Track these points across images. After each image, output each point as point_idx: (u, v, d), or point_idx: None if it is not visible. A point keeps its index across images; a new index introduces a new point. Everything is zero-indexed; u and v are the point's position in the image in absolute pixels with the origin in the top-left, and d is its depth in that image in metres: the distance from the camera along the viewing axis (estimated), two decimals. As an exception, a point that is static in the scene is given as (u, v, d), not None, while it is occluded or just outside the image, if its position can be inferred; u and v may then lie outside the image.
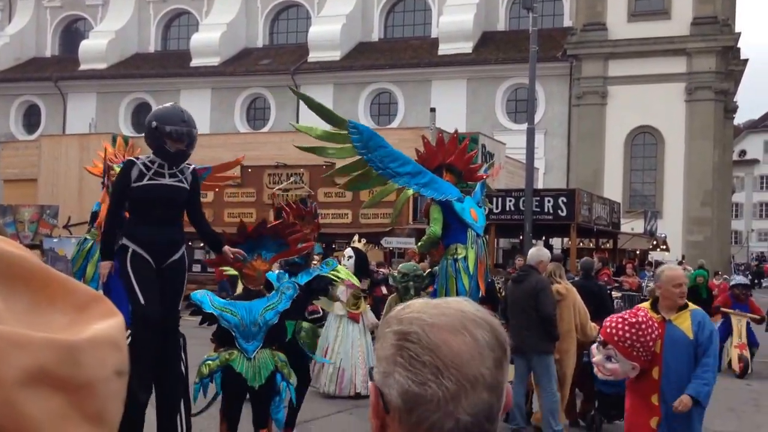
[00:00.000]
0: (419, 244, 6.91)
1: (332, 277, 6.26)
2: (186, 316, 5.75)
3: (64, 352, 0.73)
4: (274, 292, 5.83)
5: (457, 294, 6.71)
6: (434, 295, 6.92)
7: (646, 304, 5.08)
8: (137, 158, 5.64)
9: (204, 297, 5.65)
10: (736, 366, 12.01)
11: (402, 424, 1.09)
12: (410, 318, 1.10)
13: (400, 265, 9.23)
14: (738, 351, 12.08)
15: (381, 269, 15.06)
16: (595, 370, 4.97)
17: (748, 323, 12.49)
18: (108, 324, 0.80)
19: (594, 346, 4.91)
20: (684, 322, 4.90)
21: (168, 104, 5.84)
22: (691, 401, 4.86)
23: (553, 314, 7.64)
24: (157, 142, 5.47)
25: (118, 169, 8.19)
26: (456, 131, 8.09)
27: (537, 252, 8.28)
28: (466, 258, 6.68)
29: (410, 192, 6.52)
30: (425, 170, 6.51)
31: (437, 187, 6.50)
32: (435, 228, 6.59)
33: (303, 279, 6.00)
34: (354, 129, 6.14)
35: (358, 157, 6.21)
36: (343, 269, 7.02)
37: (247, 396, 5.81)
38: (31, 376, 0.70)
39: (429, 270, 8.39)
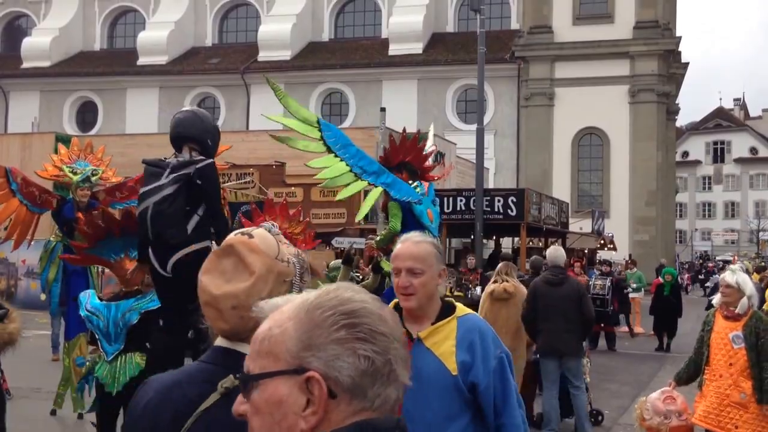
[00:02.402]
0: (377, 239, 6.93)
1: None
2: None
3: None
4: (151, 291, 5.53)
5: None
6: (389, 293, 6.99)
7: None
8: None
9: (84, 297, 5.46)
10: None
11: (350, 406, 1.07)
12: (342, 299, 1.11)
13: (331, 263, 9.32)
14: None
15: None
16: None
17: None
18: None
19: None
20: (443, 343, 2.66)
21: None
22: None
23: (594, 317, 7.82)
24: (218, 145, 5.60)
25: (67, 171, 7.94)
26: (404, 130, 8.21)
27: (559, 252, 8.27)
28: None
29: (380, 189, 6.66)
30: (387, 171, 6.69)
31: (399, 188, 6.65)
32: (395, 223, 6.69)
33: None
34: (325, 126, 6.27)
35: (329, 154, 6.33)
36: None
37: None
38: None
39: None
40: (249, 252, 1.65)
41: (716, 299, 5.75)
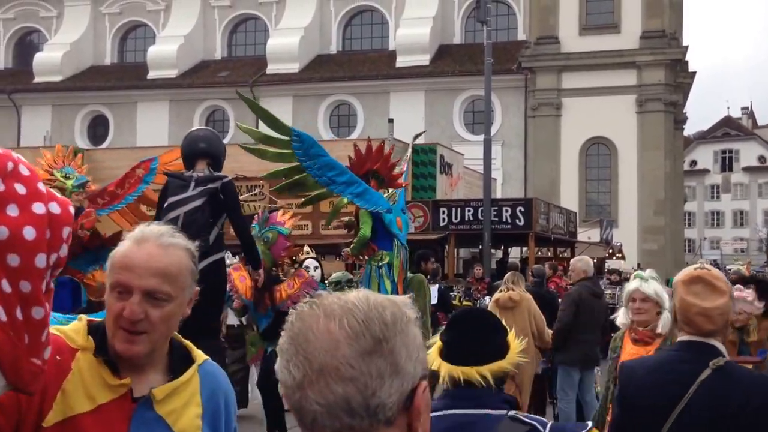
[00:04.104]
0: (351, 246, 7.27)
1: None
2: None
3: None
4: None
5: None
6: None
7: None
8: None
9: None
10: None
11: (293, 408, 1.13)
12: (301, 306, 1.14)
13: (332, 276, 9.44)
14: None
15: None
16: None
17: None
18: None
19: None
20: (185, 411, 1.69)
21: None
22: None
23: None
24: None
25: (58, 175, 8.06)
26: (369, 139, 8.42)
27: (591, 262, 8.27)
28: (390, 265, 7.07)
29: (345, 200, 6.96)
30: (359, 180, 6.85)
31: (369, 198, 6.86)
32: (365, 230, 6.98)
33: None
34: (296, 137, 6.40)
35: (296, 163, 6.53)
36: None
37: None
38: None
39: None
40: (715, 279, 2.53)
41: (621, 317, 4.51)
